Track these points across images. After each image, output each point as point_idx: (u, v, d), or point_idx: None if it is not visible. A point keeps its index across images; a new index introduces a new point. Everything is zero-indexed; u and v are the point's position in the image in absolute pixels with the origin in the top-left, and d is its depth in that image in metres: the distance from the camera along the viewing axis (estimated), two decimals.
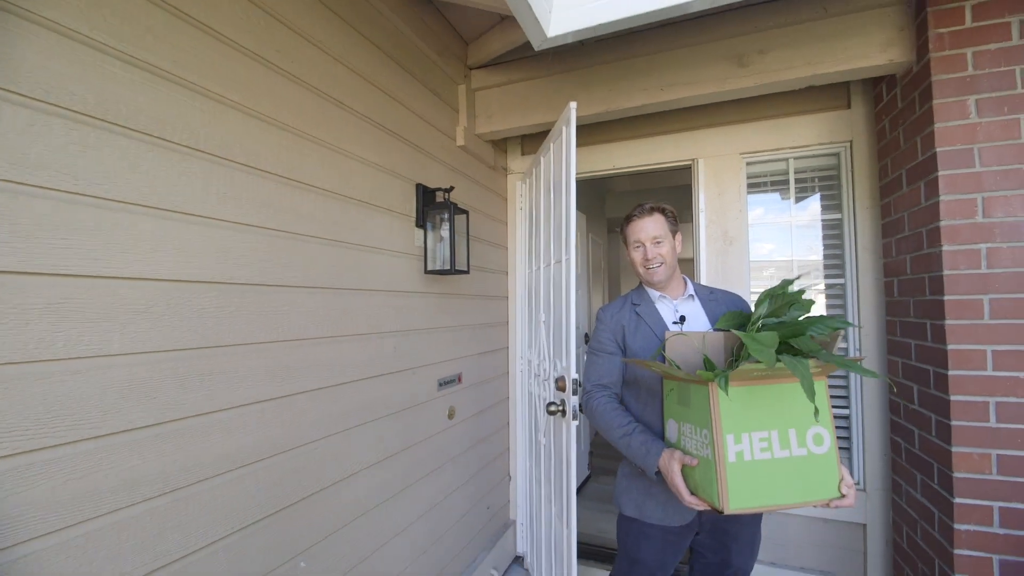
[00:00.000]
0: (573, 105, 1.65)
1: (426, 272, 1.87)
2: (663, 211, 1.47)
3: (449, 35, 2.11)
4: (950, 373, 1.52)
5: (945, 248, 1.54)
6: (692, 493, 1.17)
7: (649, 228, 1.45)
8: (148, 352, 0.96)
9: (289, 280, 1.29)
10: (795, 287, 1.25)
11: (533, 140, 2.73)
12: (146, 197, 0.96)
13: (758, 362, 1.07)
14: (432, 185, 1.94)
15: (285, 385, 1.27)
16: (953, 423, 1.51)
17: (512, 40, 1.98)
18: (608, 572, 1.59)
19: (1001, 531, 1.47)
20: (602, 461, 4.05)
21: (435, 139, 2.02)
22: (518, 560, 2.68)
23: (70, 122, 0.85)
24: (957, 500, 1.51)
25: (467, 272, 1.94)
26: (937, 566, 1.61)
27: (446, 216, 1.82)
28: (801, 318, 1.18)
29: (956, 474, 1.51)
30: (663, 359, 1.29)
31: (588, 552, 2.55)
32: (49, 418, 0.82)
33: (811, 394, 0.97)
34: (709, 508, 1.13)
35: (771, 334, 1.05)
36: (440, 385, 2.00)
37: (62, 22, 0.84)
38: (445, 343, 2.05)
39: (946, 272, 1.54)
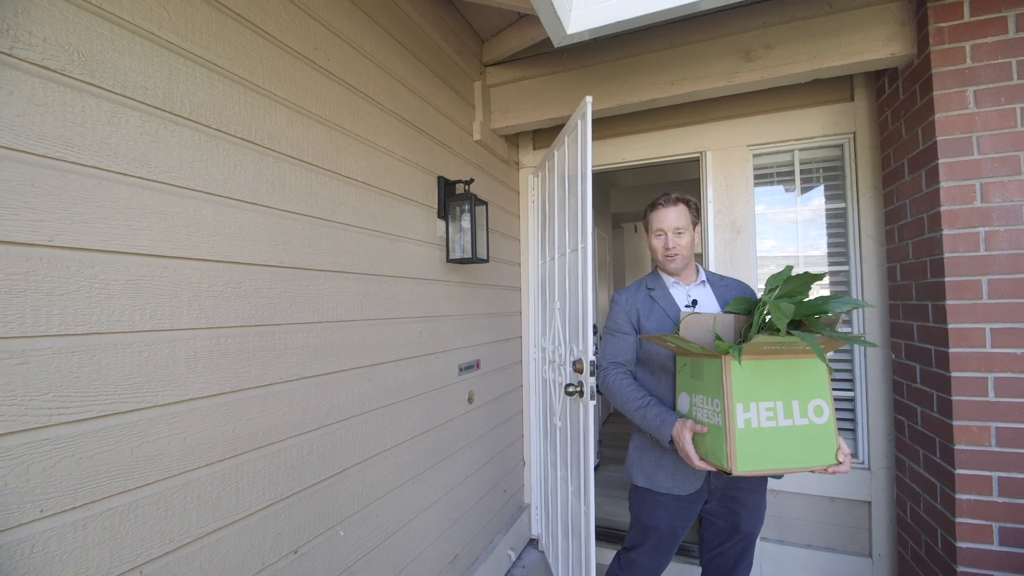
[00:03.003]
0: (589, 99, 1.73)
1: (448, 261, 1.95)
2: (687, 202, 1.55)
3: (467, 33, 2.18)
4: (951, 351, 1.60)
5: (945, 232, 1.62)
6: (702, 458, 1.26)
7: (672, 218, 1.52)
8: (210, 328, 1.04)
9: (330, 265, 1.36)
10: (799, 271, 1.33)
11: (544, 135, 2.81)
12: (207, 184, 1.04)
13: (770, 336, 1.15)
14: (452, 178, 2.02)
15: (327, 363, 1.34)
16: (954, 398, 1.59)
17: (531, 37, 2.05)
18: (617, 551, 1.68)
19: (1000, 499, 1.55)
20: (610, 451, 4.14)
21: (454, 133, 2.09)
22: (532, 543, 2.77)
23: (143, 114, 0.93)
24: (958, 471, 1.59)
25: (487, 261, 2.02)
26: (939, 536, 1.69)
27: (466, 207, 1.90)
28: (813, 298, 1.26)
29: (957, 446, 1.59)
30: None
31: (598, 534, 2.63)
32: (127, 385, 0.89)
33: (822, 356, 1.06)
34: (717, 470, 1.23)
35: (790, 305, 1.13)
36: (460, 370, 2.08)
37: (131, 19, 0.92)
38: (465, 330, 2.13)
39: (946, 255, 1.62)
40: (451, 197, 1.94)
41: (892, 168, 1.98)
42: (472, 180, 1.94)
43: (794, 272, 1.28)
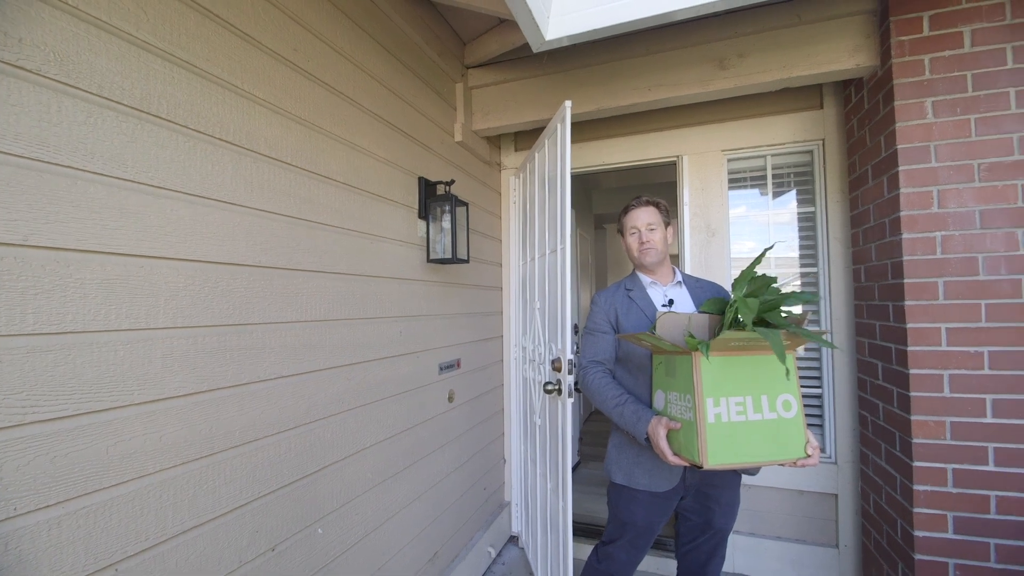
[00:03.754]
0: (568, 103, 1.77)
1: (428, 261, 1.97)
2: (658, 204, 1.61)
3: (448, 36, 2.21)
4: (909, 349, 1.68)
5: (905, 236, 1.70)
6: (676, 454, 1.30)
7: (644, 217, 1.59)
8: (187, 327, 1.04)
9: (309, 265, 1.38)
10: (759, 272, 1.38)
11: (526, 137, 2.84)
12: (184, 184, 1.04)
13: (736, 332, 1.20)
14: (433, 178, 2.04)
15: (305, 362, 1.35)
16: (912, 394, 1.67)
17: (511, 41, 2.09)
18: (595, 545, 1.73)
19: (954, 490, 1.63)
20: (591, 448, 4.19)
21: (435, 135, 2.11)
22: (513, 540, 2.80)
23: (120, 115, 0.93)
24: (916, 464, 1.67)
25: (467, 261, 2.04)
26: (899, 526, 1.77)
27: (447, 208, 1.92)
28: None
29: (915, 440, 1.67)
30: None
31: (577, 529, 2.68)
32: (102, 384, 0.90)
33: (782, 357, 1.10)
34: (690, 465, 1.27)
35: (756, 301, 1.18)
36: (441, 369, 2.10)
37: (109, 20, 0.92)
38: (445, 329, 2.15)
39: (906, 258, 1.70)
40: (432, 198, 1.96)
41: (858, 174, 2.07)
42: (453, 181, 1.97)
43: (759, 272, 1.34)
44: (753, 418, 1.23)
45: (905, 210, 1.71)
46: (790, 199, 2.42)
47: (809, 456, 1.24)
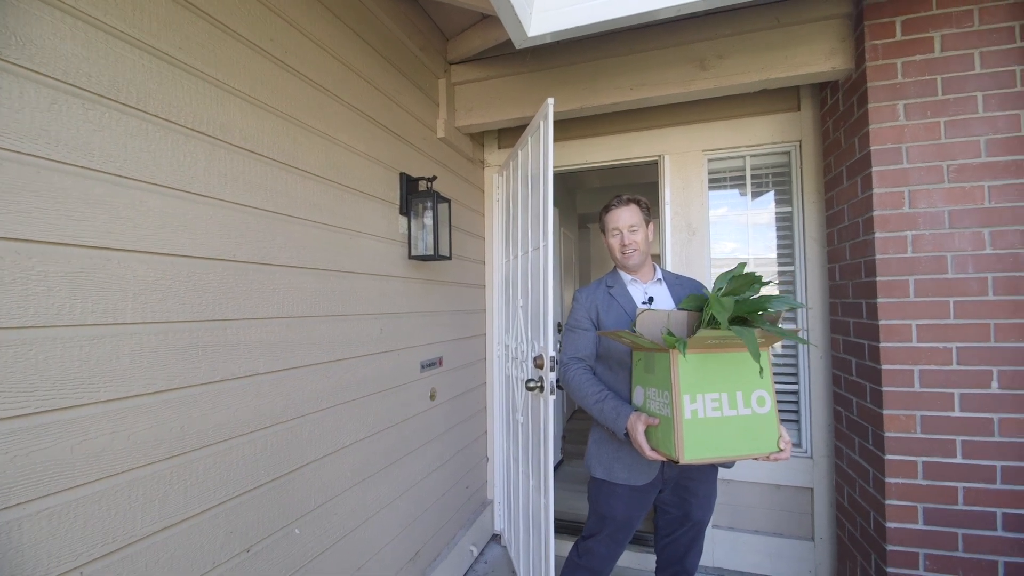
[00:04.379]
0: (551, 101, 1.77)
1: (410, 258, 1.96)
2: (638, 202, 1.62)
3: (431, 31, 2.19)
4: (881, 345, 1.72)
5: (877, 235, 1.74)
6: (653, 449, 1.32)
7: (626, 217, 1.59)
8: (157, 322, 1.01)
9: (286, 260, 1.35)
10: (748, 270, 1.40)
11: (509, 134, 2.84)
12: (154, 175, 1.01)
13: (712, 331, 1.22)
14: (415, 174, 2.02)
15: (282, 359, 1.33)
16: (884, 389, 1.72)
17: (494, 37, 2.08)
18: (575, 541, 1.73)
19: (924, 482, 1.68)
20: (574, 447, 4.21)
21: (417, 131, 2.10)
22: (495, 538, 2.79)
23: (86, 102, 0.90)
24: (888, 457, 1.71)
25: (449, 258, 2.03)
26: (872, 518, 1.81)
27: (429, 204, 1.91)
28: (755, 296, 1.33)
29: (887, 434, 1.71)
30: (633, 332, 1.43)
31: (560, 527, 2.69)
32: (66, 380, 0.87)
33: (756, 356, 1.12)
34: (667, 460, 1.28)
35: (731, 300, 1.20)
36: (422, 367, 2.09)
37: (75, 4, 0.89)
38: (427, 327, 2.13)
39: (878, 256, 1.74)
40: (414, 194, 1.94)
41: (833, 175, 2.12)
42: (435, 177, 1.95)
43: (745, 270, 1.36)
44: (728, 414, 1.25)
45: (878, 210, 1.75)
46: (768, 200, 2.47)
47: (781, 451, 1.27)
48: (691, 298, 1.47)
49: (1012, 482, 1.60)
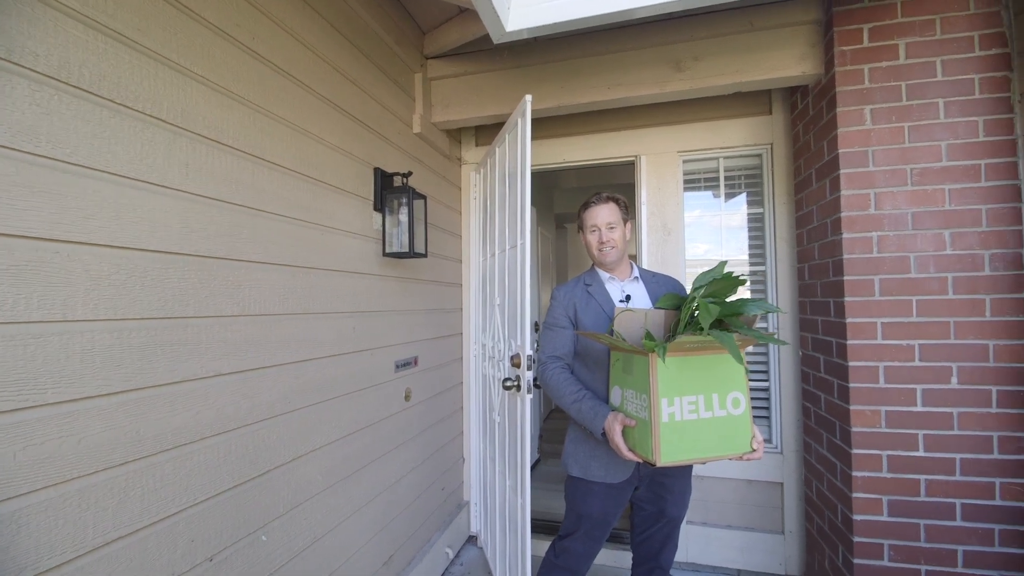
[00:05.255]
0: (528, 98, 1.76)
1: (384, 255, 1.91)
2: (617, 201, 1.62)
3: (407, 24, 2.15)
4: (848, 343, 1.77)
5: (844, 236, 1.79)
6: (631, 449, 1.32)
7: (604, 215, 1.59)
8: (111, 320, 0.95)
9: (253, 256, 1.29)
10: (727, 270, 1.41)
11: (487, 132, 2.81)
12: (108, 163, 0.95)
13: (692, 335, 1.22)
14: (390, 170, 1.98)
15: (248, 359, 1.27)
16: (851, 385, 1.76)
17: (472, 32, 2.05)
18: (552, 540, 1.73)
19: (888, 475, 1.73)
20: (551, 446, 4.21)
21: (392, 125, 2.05)
22: (472, 539, 2.77)
23: (33, 83, 0.84)
24: (854, 451, 1.76)
25: (425, 256, 2.00)
26: (839, 510, 1.86)
27: (404, 200, 1.87)
28: (732, 298, 1.34)
29: (854, 429, 1.76)
30: (612, 332, 1.42)
31: (537, 526, 2.68)
32: (8, 381, 0.80)
33: (739, 359, 1.14)
34: (644, 462, 1.28)
35: (716, 307, 1.20)
36: (397, 367, 2.04)
37: None
38: (402, 326, 2.09)
39: (845, 256, 1.79)
40: (388, 190, 1.90)
41: (802, 177, 2.17)
42: (411, 173, 1.91)
43: (725, 270, 1.37)
44: (704, 416, 1.26)
45: (845, 211, 1.80)
46: (741, 201, 2.51)
47: (754, 451, 1.29)
48: (668, 296, 1.48)
49: (970, 474, 1.67)
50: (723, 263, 1.39)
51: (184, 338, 1.10)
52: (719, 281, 1.31)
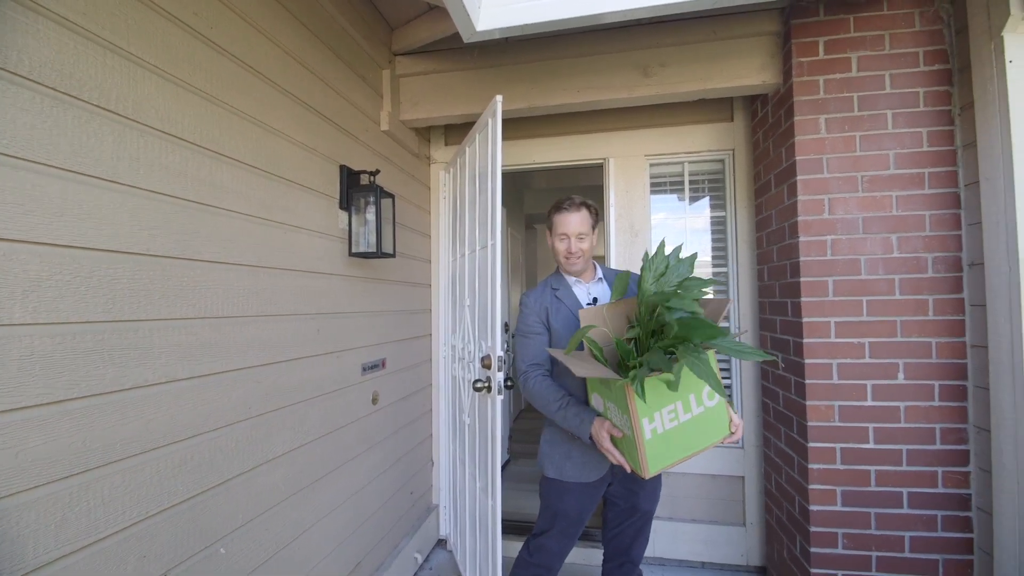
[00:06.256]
0: (499, 98, 1.75)
1: (351, 255, 1.86)
2: (589, 207, 1.61)
3: (375, 19, 2.10)
4: (804, 341, 1.85)
5: (801, 239, 1.87)
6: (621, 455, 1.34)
7: (575, 223, 1.57)
8: (53, 323, 0.89)
9: (210, 255, 1.24)
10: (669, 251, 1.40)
11: (456, 131, 2.79)
12: (51, 156, 0.89)
13: (666, 375, 1.17)
14: (356, 167, 1.93)
15: (204, 364, 1.22)
16: (807, 382, 1.84)
17: (441, 29, 2.03)
18: (526, 539, 1.73)
19: (842, 467, 1.82)
20: (521, 446, 4.22)
21: (359, 122, 2.01)
22: (441, 543, 2.74)
23: None
24: (811, 444, 1.84)
25: (393, 256, 1.96)
26: (797, 502, 1.94)
27: (371, 199, 1.83)
28: (676, 283, 1.33)
29: (810, 423, 1.84)
30: (583, 345, 1.42)
31: (508, 527, 2.67)
32: None
33: (720, 391, 1.15)
34: (631, 472, 1.30)
35: (707, 364, 1.12)
36: (364, 370, 2.00)
37: None
38: (369, 328, 2.05)
39: (802, 259, 1.87)
40: (355, 188, 1.86)
41: (762, 182, 2.25)
42: (378, 171, 1.88)
43: (683, 254, 1.37)
44: (684, 419, 1.28)
45: (801, 216, 1.88)
46: (705, 205, 2.59)
47: (733, 433, 1.34)
48: (618, 280, 1.48)
49: (915, 464, 1.77)
50: (678, 247, 1.39)
51: (135, 342, 1.04)
52: (691, 280, 1.31)
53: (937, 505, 1.76)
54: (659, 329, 1.30)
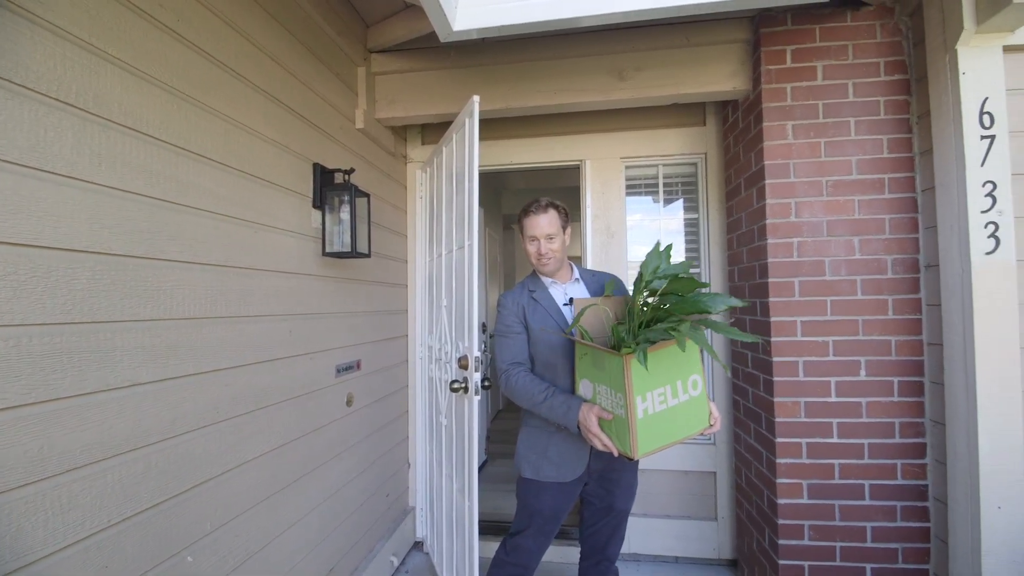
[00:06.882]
0: (476, 99, 1.75)
1: (324, 254, 1.83)
2: (557, 208, 1.63)
3: (350, 15, 2.07)
4: (772, 340, 1.91)
5: (769, 241, 1.93)
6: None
7: (544, 225, 1.58)
8: (7, 326, 0.85)
9: (176, 255, 1.20)
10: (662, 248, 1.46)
11: (434, 130, 2.78)
12: (5, 151, 0.85)
13: (665, 335, 1.24)
14: (330, 166, 1.90)
15: (170, 367, 1.18)
16: (775, 379, 1.90)
17: (417, 28, 2.01)
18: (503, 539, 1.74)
19: (807, 461, 1.88)
20: (498, 446, 4.22)
21: (334, 120, 1.98)
22: (417, 545, 2.72)
23: None
24: (778, 440, 1.90)
25: (368, 256, 1.94)
26: (766, 496, 2.00)
27: (346, 198, 1.81)
28: (694, 294, 1.38)
29: (777, 419, 1.90)
30: (574, 331, 1.45)
31: (485, 528, 2.67)
32: None
33: (712, 353, 1.21)
34: (620, 454, 1.32)
35: (702, 333, 1.23)
36: (338, 371, 1.97)
37: None
38: (344, 329, 2.02)
39: (770, 260, 1.92)
40: (329, 186, 1.83)
41: (733, 185, 2.31)
42: (353, 170, 1.85)
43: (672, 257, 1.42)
44: (672, 404, 1.31)
45: (770, 218, 1.94)
46: (678, 207, 2.64)
47: (712, 425, 1.38)
48: (612, 283, 1.54)
49: (876, 456, 1.85)
50: (669, 246, 1.43)
51: (95, 345, 1.00)
52: (681, 281, 1.34)
53: (897, 496, 1.84)
54: (652, 319, 1.34)
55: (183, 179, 1.23)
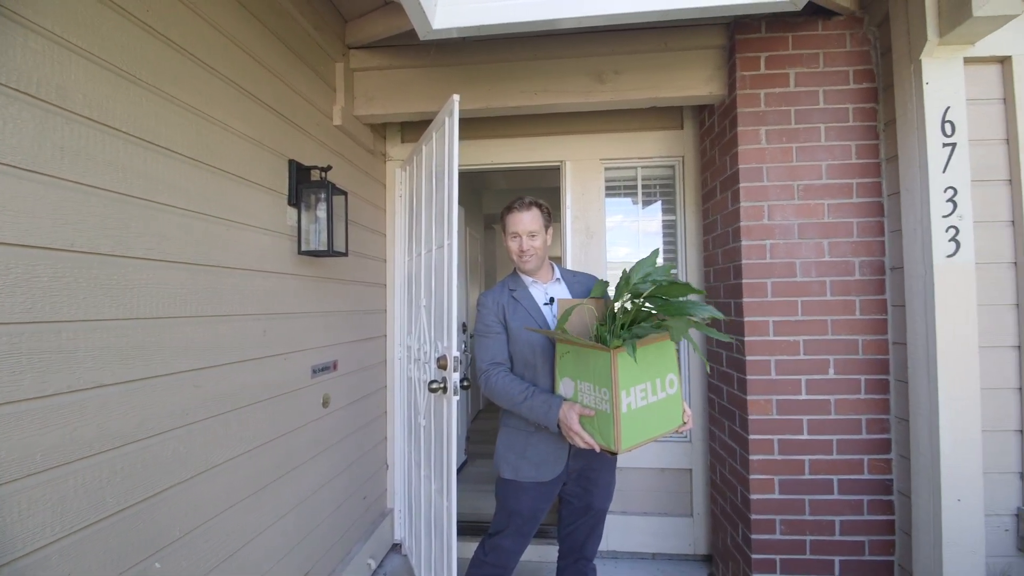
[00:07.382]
0: (456, 97, 1.74)
1: (300, 253, 1.80)
2: (540, 206, 1.64)
3: (327, 9, 2.04)
4: (746, 339, 1.95)
5: (743, 243, 1.97)
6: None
7: (526, 222, 1.60)
8: None
9: (143, 252, 1.16)
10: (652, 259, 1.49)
11: (413, 128, 2.76)
12: None
13: (655, 331, 1.28)
14: (307, 163, 1.87)
15: (137, 368, 1.14)
16: (748, 377, 1.95)
17: (396, 25, 2.00)
18: (482, 539, 1.74)
19: (779, 457, 1.93)
20: (478, 447, 4.21)
21: (311, 116, 1.94)
22: (395, 548, 2.69)
23: None
24: (751, 437, 1.94)
25: (345, 255, 1.91)
26: (739, 492, 2.05)
27: (323, 196, 1.78)
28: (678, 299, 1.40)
29: (751, 416, 1.94)
30: (561, 329, 1.45)
31: (464, 528, 2.64)
32: None
33: (696, 348, 1.28)
34: (602, 450, 1.34)
35: (685, 325, 1.26)
36: (314, 372, 1.94)
37: None
38: (320, 328, 1.99)
39: (744, 262, 1.97)
40: (305, 184, 1.80)
41: (709, 188, 2.36)
42: (330, 167, 1.82)
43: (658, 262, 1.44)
44: (651, 400, 1.35)
45: (744, 221, 1.98)
46: (657, 209, 2.68)
47: (685, 423, 1.41)
48: (599, 286, 1.57)
49: (844, 452, 1.91)
50: (656, 251, 1.46)
51: (57, 345, 0.96)
52: (674, 286, 1.35)
53: (863, 490, 1.90)
54: (635, 320, 1.37)
55: (151, 174, 1.19)
